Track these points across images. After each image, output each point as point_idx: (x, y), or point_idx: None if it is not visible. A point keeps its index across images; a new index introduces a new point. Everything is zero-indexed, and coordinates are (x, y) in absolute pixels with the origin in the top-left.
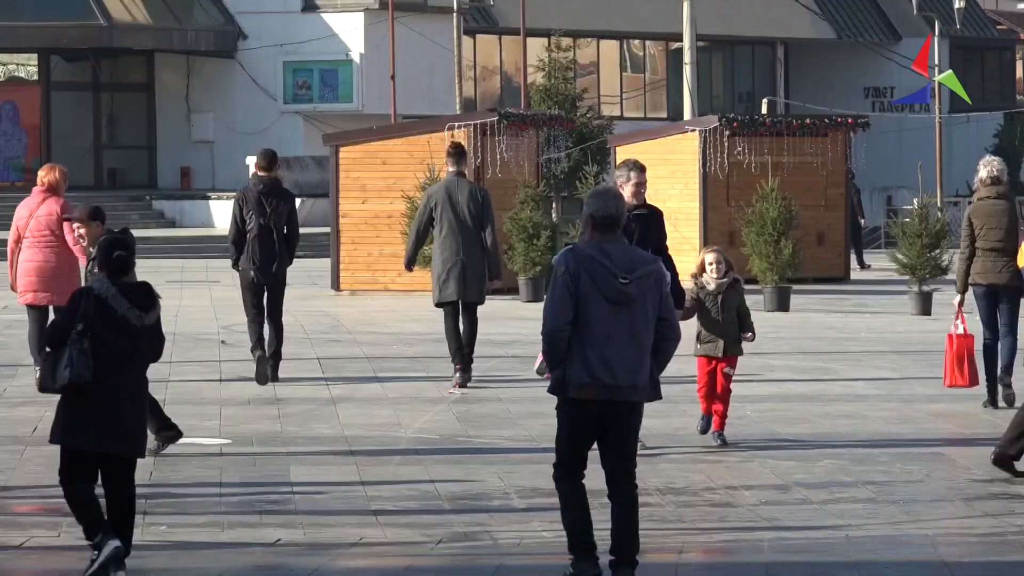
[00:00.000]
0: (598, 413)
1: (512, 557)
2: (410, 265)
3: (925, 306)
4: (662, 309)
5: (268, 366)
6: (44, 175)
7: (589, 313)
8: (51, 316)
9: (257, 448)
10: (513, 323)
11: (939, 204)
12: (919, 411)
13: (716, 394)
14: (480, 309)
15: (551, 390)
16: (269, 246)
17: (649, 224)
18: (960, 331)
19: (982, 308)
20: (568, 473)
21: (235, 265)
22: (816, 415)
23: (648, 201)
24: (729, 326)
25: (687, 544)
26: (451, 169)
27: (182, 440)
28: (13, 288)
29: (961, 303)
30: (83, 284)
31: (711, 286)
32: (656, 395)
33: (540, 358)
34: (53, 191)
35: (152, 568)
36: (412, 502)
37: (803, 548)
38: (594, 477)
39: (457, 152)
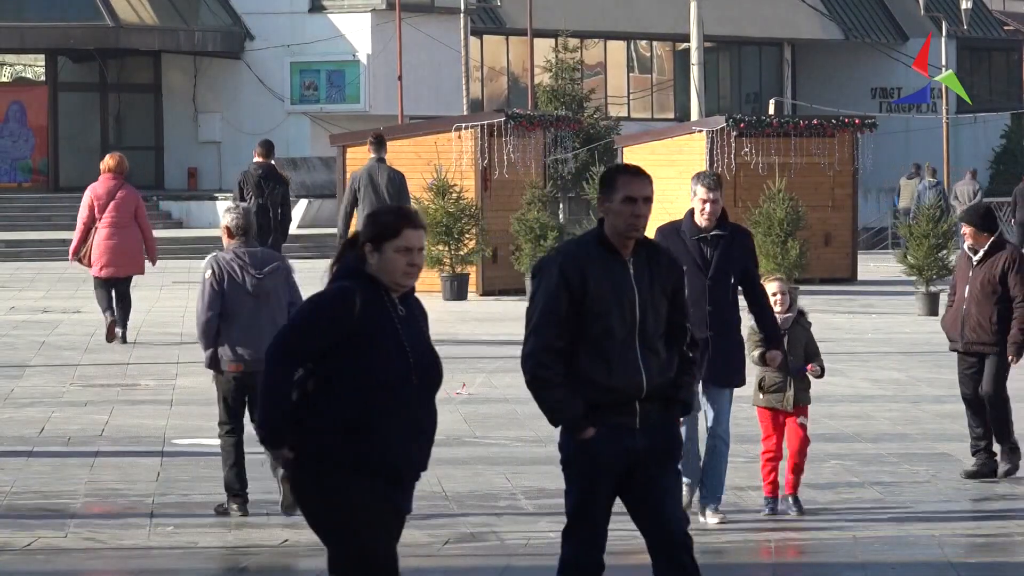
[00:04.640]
0: (244, 383)
1: (519, 558)
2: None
3: (932, 307)
4: (291, 296)
5: None
6: (115, 163)
7: (234, 304)
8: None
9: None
10: (520, 324)
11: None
12: (926, 412)
13: (788, 453)
14: (485, 310)
15: (208, 365)
16: (265, 223)
17: (730, 247)
18: None
19: None
20: (228, 433)
21: None
22: (822, 415)
23: (658, 204)
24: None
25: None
26: (372, 155)
27: (189, 440)
28: (87, 262)
29: None
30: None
31: None
32: None
33: None
34: (123, 175)
35: (159, 568)
36: (419, 503)
37: (810, 549)
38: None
39: (378, 140)
